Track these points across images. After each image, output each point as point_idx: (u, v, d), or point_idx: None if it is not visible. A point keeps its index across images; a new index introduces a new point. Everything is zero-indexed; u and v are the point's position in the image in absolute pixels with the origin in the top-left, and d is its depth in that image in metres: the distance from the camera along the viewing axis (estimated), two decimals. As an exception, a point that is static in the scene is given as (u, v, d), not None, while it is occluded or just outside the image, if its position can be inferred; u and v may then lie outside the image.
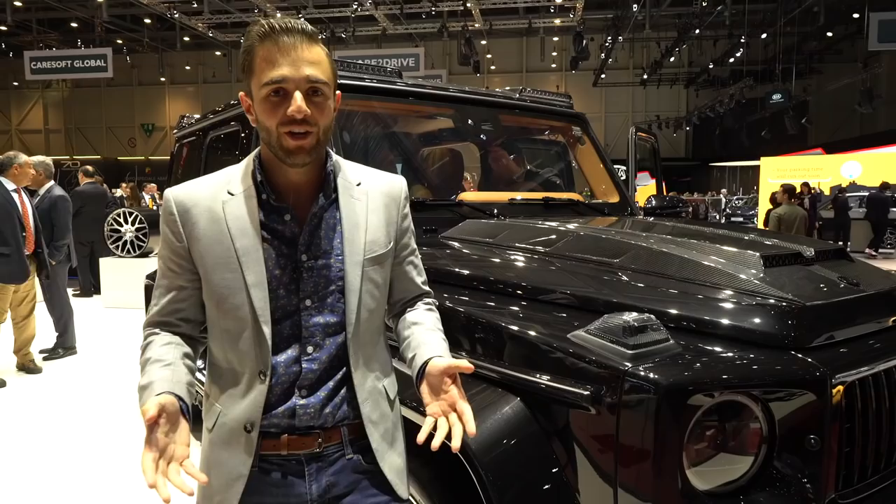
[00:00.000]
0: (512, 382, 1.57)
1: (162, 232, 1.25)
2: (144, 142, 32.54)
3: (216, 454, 1.25)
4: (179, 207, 1.21)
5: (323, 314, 1.22)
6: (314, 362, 1.22)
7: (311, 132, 1.15)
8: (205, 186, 1.24)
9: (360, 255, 1.24)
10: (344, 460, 1.26)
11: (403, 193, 1.36)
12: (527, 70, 28.96)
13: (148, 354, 1.21)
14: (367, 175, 1.33)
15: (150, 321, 1.28)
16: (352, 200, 1.27)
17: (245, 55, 1.17)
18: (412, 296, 1.40)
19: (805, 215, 8.78)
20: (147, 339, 1.25)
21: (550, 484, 1.46)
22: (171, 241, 1.23)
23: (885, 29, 14.14)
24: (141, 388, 1.16)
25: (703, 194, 23.55)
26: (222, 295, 1.19)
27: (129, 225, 8.46)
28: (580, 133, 3.55)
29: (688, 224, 2.73)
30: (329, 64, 1.18)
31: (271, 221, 1.21)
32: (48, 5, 21.49)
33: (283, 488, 1.23)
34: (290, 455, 1.23)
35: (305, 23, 1.17)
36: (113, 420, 4.26)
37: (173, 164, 4.58)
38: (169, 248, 1.23)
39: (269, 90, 1.13)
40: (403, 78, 3.04)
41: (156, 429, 1.08)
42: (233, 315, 1.20)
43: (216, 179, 1.25)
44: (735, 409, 1.38)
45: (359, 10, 19.37)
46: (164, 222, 1.24)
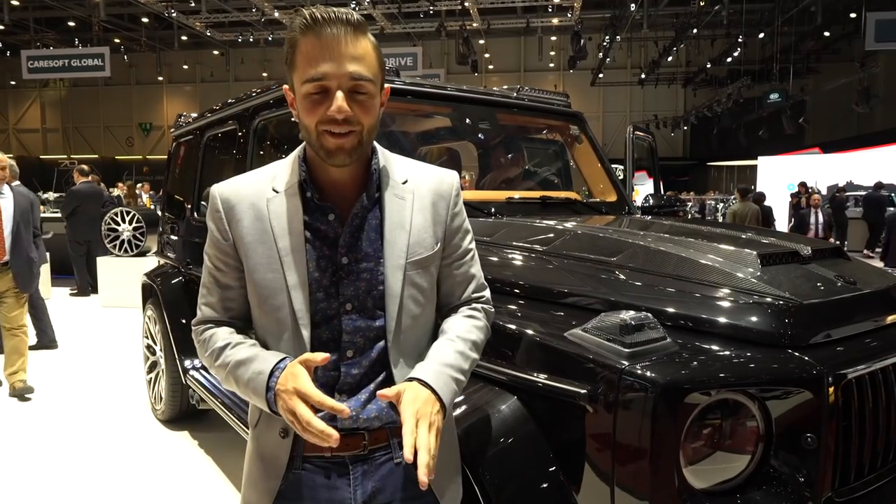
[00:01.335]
0: (509, 381, 1.57)
1: (209, 229, 1.22)
2: (142, 141, 32.48)
3: (255, 459, 1.24)
4: (225, 204, 1.18)
5: (364, 319, 1.17)
6: (354, 367, 1.18)
7: (353, 132, 1.09)
8: (251, 183, 1.20)
9: (403, 259, 1.17)
10: (392, 464, 1.20)
11: (455, 190, 1.27)
12: (525, 69, 28.95)
13: (221, 343, 1.19)
14: (416, 171, 1.26)
15: (204, 318, 1.24)
16: (396, 200, 1.20)
17: (288, 48, 1.11)
18: (460, 301, 1.30)
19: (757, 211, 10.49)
20: (206, 333, 1.23)
21: (547, 482, 1.46)
22: (217, 239, 1.20)
23: (882, 28, 14.16)
24: (237, 364, 1.15)
25: (688, 194, 23.51)
26: (263, 295, 1.16)
27: (126, 224, 8.44)
28: (578, 132, 3.55)
29: (685, 223, 2.74)
30: (376, 57, 1.12)
31: (315, 221, 1.16)
32: (45, 4, 21.44)
33: (326, 491, 1.19)
34: (333, 457, 1.19)
35: (352, 12, 1.09)
36: (113, 419, 4.25)
37: (171, 164, 4.58)
38: (215, 245, 1.21)
39: (311, 88, 1.07)
40: (401, 77, 3.04)
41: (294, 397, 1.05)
42: (273, 316, 1.17)
43: (262, 175, 1.21)
44: (732, 408, 1.39)
45: (357, 10, 19.36)
46: (210, 219, 1.21)
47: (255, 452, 1.24)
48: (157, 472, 3.46)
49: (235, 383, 1.15)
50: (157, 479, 3.37)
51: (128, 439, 3.91)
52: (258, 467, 1.22)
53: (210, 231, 1.21)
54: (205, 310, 1.24)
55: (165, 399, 4.02)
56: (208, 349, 1.20)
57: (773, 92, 20.33)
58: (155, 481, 3.34)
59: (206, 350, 1.21)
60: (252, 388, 1.11)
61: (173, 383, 3.89)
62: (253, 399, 1.14)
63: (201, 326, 1.24)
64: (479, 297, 1.33)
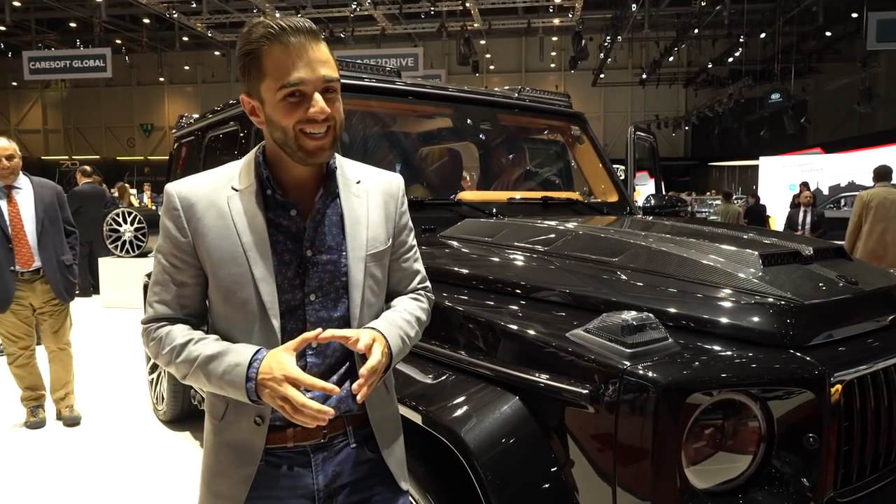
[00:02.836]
0: (511, 381, 1.57)
1: (163, 227, 1.23)
2: (143, 142, 32.50)
3: (222, 450, 1.25)
4: (183, 202, 1.20)
5: (327, 309, 1.24)
6: (318, 356, 1.24)
7: (329, 128, 1.18)
8: (207, 181, 1.23)
9: (363, 251, 1.26)
10: (349, 449, 1.29)
11: (401, 191, 1.38)
12: (526, 70, 28.94)
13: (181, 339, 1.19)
14: (366, 172, 1.35)
15: (155, 316, 1.24)
16: (353, 197, 1.29)
17: (248, 57, 1.16)
18: (406, 291, 1.41)
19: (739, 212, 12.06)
20: (160, 331, 1.23)
21: (549, 483, 1.46)
22: (174, 237, 1.21)
23: (884, 28, 14.13)
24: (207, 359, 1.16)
25: (689, 194, 23.54)
26: (230, 290, 1.19)
27: (127, 225, 8.45)
28: (579, 132, 3.55)
29: (686, 223, 2.74)
30: (334, 58, 1.20)
31: (277, 217, 1.22)
32: (47, 5, 21.46)
33: (290, 480, 1.25)
34: (296, 447, 1.25)
35: (307, 20, 1.17)
36: (115, 420, 4.26)
37: (172, 164, 4.58)
38: (172, 243, 1.22)
39: (287, 92, 1.13)
40: (402, 78, 3.04)
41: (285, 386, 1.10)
42: (241, 310, 1.20)
43: (218, 175, 1.25)
44: (734, 408, 1.39)
45: (358, 10, 19.36)
46: (166, 217, 1.22)
47: (223, 443, 1.25)
48: (159, 472, 3.46)
49: (205, 378, 1.17)
50: (158, 479, 3.38)
51: (129, 440, 3.92)
52: (228, 456, 1.24)
53: (166, 229, 1.22)
54: (158, 307, 1.24)
55: (167, 399, 4.02)
56: (165, 346, 1.20)
57: (774, 92, 20.30)
58: (156, 481, 3.35)
59: (163, 347, 1.20)
60: (228, 381, 1.14)
61: (175, 384, 3.90)
62: (227, 391, 1.15)
63: (153, 324, 1.24)
64: (423, 287, 1.44)
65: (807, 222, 9.85)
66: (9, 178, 3.81)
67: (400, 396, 1.65)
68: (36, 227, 3.86)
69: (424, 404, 1.63)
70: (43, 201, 3.93)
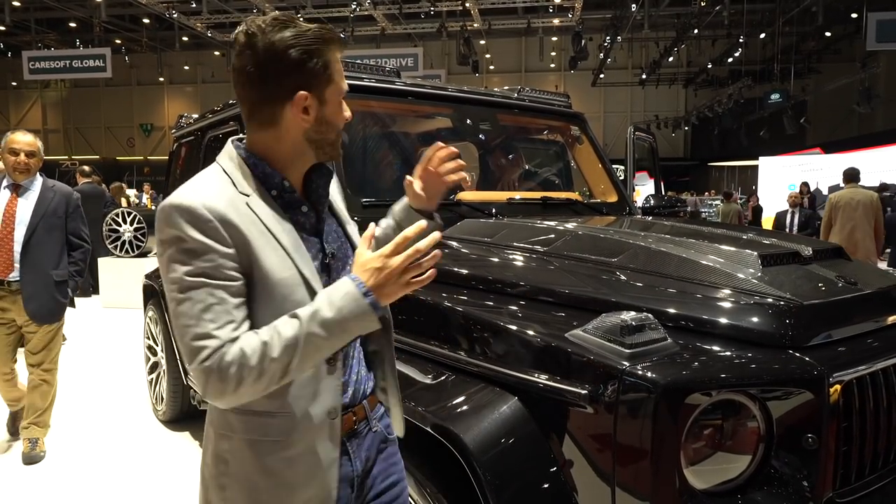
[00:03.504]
0: (510, 381, 1.57)
1: (197, 245, 1.08)
2: (143, 142, 32.49)
3: (302, 461, 1.20)
4: (213, 213, 1.10)
5: None
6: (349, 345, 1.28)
7: None
8: (216, 189, 1.15)
9: (352, 225, 1.37)
10: (372, 434, 1.35)
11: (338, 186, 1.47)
12: (525, 70, 28.94)
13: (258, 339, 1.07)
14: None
15: (219, 345, 1.06)
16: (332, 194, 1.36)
17: (316, 59, 1.17)
18: None
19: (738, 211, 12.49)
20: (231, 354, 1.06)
21: (548, 483, 1.46)
22: (218, 250, 1.09)
23: (884, 29, 14.14)
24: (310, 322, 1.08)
25: (690, 194, 23.60)
26: (282, 294, 1.15)
27: (127, 225, 8.45)
28: (579, 132, 3.55)
29: (686, 223, 2.74)
30: None
31: (294, 216, 1.23)
32: (46, 5, 21.45)
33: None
34: None
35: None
36: (114, 420, 4.26)
37: (172, 164, 4.58)
38: (218, 257, 1.09)
39: (341, 98, 1.24)
40: (402, 78, 3.04)
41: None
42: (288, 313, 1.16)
43: (217, 182, 1.18)
44: (733, 408, 1.39)
45: (357, 10, 19.36)
46: (198, 232, 1.08)
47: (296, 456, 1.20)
48: (159, 472, 3.46)
49: (319, 339, 1.08)
50: (158, 479, 3.38)
51: (129, 440, 3.92)
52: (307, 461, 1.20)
53: (203, 245, 1.08)
54: (221, 334, 1.07)
55: (167, 399, 4.02)
56: (249, 359, 1.06)
57: (774, 92, 20.31)
58: (156, 481, 3.35)
59: (248, 361, 1.06)
60: (349, 316, 1.09)
61: (174, 384, 3.90)
62: (350, 328, 1.10)
63: (220, 352, 1.06)
64: None
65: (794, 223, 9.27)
66: (22, 176, 3.42)
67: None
68: (25, 234, 3.40)
69: (424, 404, 1.63)
70: (44, 206, 3.46)
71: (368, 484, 1.34)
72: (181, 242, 1.09)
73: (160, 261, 1.13)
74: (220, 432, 1.23)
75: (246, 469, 1.20)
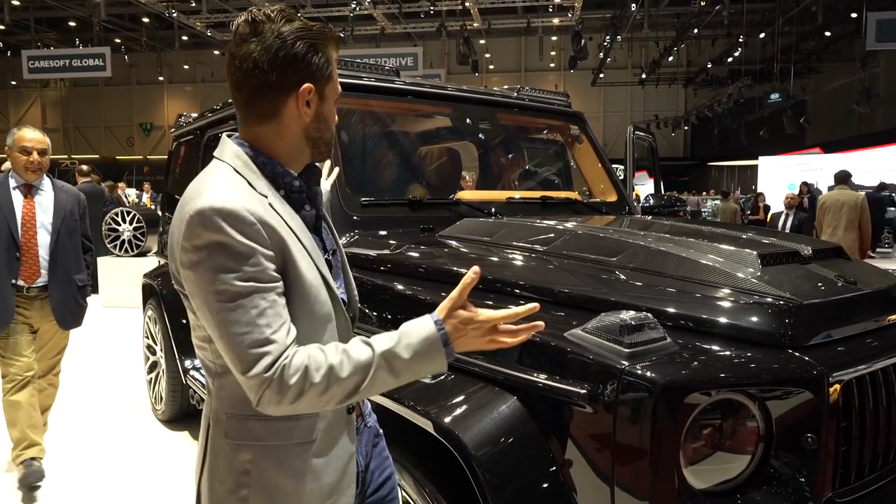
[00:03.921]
0: (509, 381, 1.57)
1: (245, 248, 1.05)
2: (143, 141, 32.50)
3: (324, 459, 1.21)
4: (254, 215, 1.07)
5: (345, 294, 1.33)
6: None
7: None
8: (243, 192, 1.12)
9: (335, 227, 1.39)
10: (366, 429, 1.39)
11: None
12: (525, 69, 28.95)
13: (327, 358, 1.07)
14: None
15: (286, 346, 1.05)
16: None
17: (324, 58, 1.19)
18: None
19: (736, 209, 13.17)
20: (294, 362, 1.05)
21: (547, 482, 1.46)
22: (263, 252, 1.07)
23: (883, 28, 14.15)
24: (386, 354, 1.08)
25: (690, 194, 23.66)
26: (314, 295, 1.15)
27: (126, 224, 8.45)
28: (578, 132, 3.55)
29: (685, 223, 2.73)
30: None
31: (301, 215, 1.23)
32: (46, 4, 21.45)
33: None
34: None
35: None
36: (113, 419, 4.26)
37: (171, 164, 4.58)
38: (266, 259, 1.07)
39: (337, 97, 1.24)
40: (402, 77, 3.04)
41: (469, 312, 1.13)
42: (320, 313, 1.17)
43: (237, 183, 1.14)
44: (732, 408, 1.38)
45: (357, 10, 19.36)
46: (242, 236, 1.05)
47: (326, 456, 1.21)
48: (158, 472, 3.46)
49: (392, 374, 1.08)
50: (157, 479, 3.38)
51: (128, 439, 3.92)
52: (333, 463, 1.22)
53: (248, 249, 1.05)
54: (279, 338, 1.05)
55: (166, 399, 4.02)
56: (315, 374, 1.04)
57: (773, 92, 20.32)
58: (155, 481, 3.34)
59: (312, 376, 1.04)
60: (423, 357, 1.08)
61: (174, 383, 3.89)
62: (422, 370, 1.10)
63: (283, 358, 1.04)
64: None
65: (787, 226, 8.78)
66: (34, 176, 3.24)
67: (398, 396, 1.65)
68: (51, 239, 3.27)
69: (423, 404, 1.63)
70: (63, 209, 3.33)
71: (367, 479, 1.38)
72: (225, 248, 1.04)
73: (196, 268, 1.05)
74: (240, 443, 1.18)
75: (271, 476, 1.17)
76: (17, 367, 3.24)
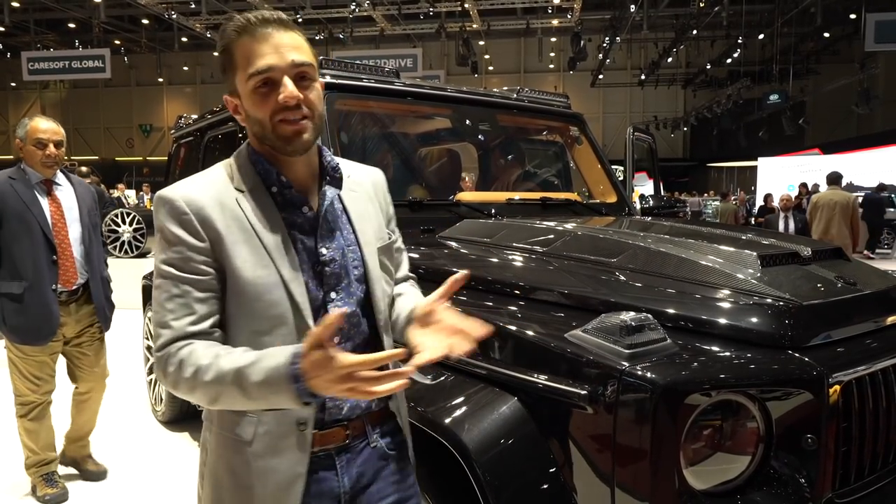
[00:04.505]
0: (509, 382, 1.57)
1: (169, 236, 1.12)
2: (142, 142, 32.51)
3: (261, 465, 1.17)
4: (191, 206, 1.12)
5: (349, 305, 1.22)
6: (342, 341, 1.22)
7: (306, 117, 1.13)
8: (205, 184, 1.17)
9: (374, 245, 1.27)
10: (370, 450, 1.27)
11: (385, 184, 1.40)
12: (525, 71, 28.97)
13: (205, 357, 1.06)
14: (353, 168, 1.34)
15: (174, 337, 1.10)
16: (351, 192, 1.28)
17: (224, 55, 1.16)
18: (400, 280, 1.42)
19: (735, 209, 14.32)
20: (181, 352, 1.08)
21: (547, 483, 1.46)
22: (189, 243, 1.11)
23: (882, 29, 14.16)
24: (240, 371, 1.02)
25: (690, 194, 23.71)
26: (256, 293, 1.13)
27: (126, 225, 8.45)
28: (578, 133, 3.55)
29: (685, 224, 2.74)
30: (310, 48, 1.18)
31: (290, 215, 1.19)
32: (46, 6, 21.45)
33: (316, 485, 1.20)
34: (321, 451, 1.20)
35: (279, 12, 1.17)
36: (113, 420, 4.25)
37: (171, 165, 4.58)
38: (189, 249, 1.11)
39: (257, 81, 1.11)
40: (401, 78, 3.04)
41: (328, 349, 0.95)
42: (267, 314, 1.14)
43: (212, 177, 1.19)
44: (732, 409, 1.39)
45: (356, 11, 19.36)
46: (174, 224, 1.11)
47: (259, 471, 1.17)
48: (158, 472, 3.46)
49: (242, 394, 1.04)
50: (157, 479, 3.37)
51: (128, 440, 3.91)
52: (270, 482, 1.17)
53: (175, 237, 1.11)
54: (176, 325, 1.10)
55: (166, 400, 4.02)
56: (187, 369, 1.06)
57: (773, 93, 20.33)
58: (155, 482, 3.34)
59: (184, 371, 1.07)
60: (269, 387, 1.01)
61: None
62: (271, 401, 1.03)
63: (174, 345, 1.09)
64: (412, 276, 1.48)
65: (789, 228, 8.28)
66: (52, 170, 3.01)
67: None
68: (82, 236, 3.05)
69: (423, 405, 1.63)
70: (86, 203, 3.12)
71: (364, 501, 1.26)
72: (161, 231, 1.14)
73: None
74: (204, 421, 1.26)
75: (216, 464, 1.21)
76: (40, 392, 3.07)
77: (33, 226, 2.89)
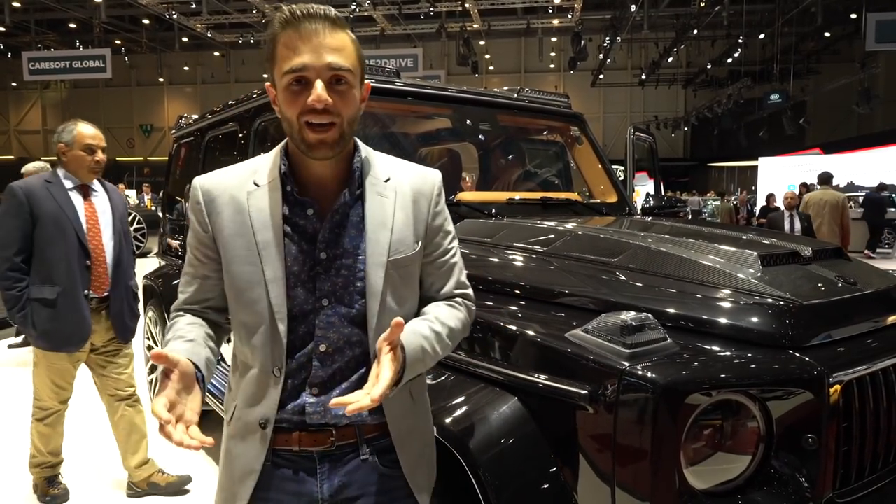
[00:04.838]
0: (510, 382, 1.57)
1: (190, 220, 1.24)
2: (143, 142, 32.52)
3: (232, 447, 1.24)
4: (205, 196, 1.20)
5: (340, 315, 1.17)
6: (327, 362, 1.18)
7: (334, 123, 1.10)
8: (233, 175, 1.22)
9: (385, 257, 1.18)
10: (358, 461, 1.21)
11: (437, 189, 1.28)
12: (525, 71, 28.96)
13: (171, 334, 1.20)
14: (399, 169, 1.27)
15: (177, 307, 1.28)
16: (378, 198, 1.20)
17: (269, 44, 1.13)
18: (439, 295, 1.30)
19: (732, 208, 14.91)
20: (172, 321, 1.25)
21: (548, 483, 1.46)
22: (197, 231, 1.22)
23: (883, 29, 14.16)
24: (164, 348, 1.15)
25: (690, 194, 23.72)
26: (240, 288, 1.18)
27: (127, 225, 8.46)
28: (578, 133, 3.55)
29: (685, 224, 2.74)
30: (355, 51, 1.14)
31: (294, 216, 1.17)
32: (46, 6, 21.47)
33: (294, 485, 1.21)
34: (302, 451, 1.20)
35: (329, 8, 1.12)
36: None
37: (171, 165, 4.59)
38: (196, 237, 1.23)
39: (290, 79, 1.09)
40: (402, 78, 3.04)
41: (167, 383, 1.03)
42: (250, 309, 1.17)
43: (245, 168, 1.24)
44: (732, 409, 1.39)
45: (357, 11, 19.37)
46: (191, 211, 1.23)
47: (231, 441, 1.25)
48: (158, 473, 3.45)
49: None
50: (158, 480, 3.37)
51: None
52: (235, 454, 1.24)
53: (191, 222, 1.23)
54: (181, 297, 1.27)
55: (166, 400, 4.01)
56: (167, 333, 1.23)
57: (773, 93, 20.32)
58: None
59: (166, 335, 1.22)
60: None
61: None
62: None
63: (172, 315, 1.27)
64: (461, 294, 1.32)
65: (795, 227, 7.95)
66: (94, 176, 3.02)
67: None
68: (113, 243, 3.00)
69: (423, 405, 1.63)
70: (119, 210, 3.10)
71: None
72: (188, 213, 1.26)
73: None
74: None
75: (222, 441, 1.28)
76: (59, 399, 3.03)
77: (68, 230, 2.85)
